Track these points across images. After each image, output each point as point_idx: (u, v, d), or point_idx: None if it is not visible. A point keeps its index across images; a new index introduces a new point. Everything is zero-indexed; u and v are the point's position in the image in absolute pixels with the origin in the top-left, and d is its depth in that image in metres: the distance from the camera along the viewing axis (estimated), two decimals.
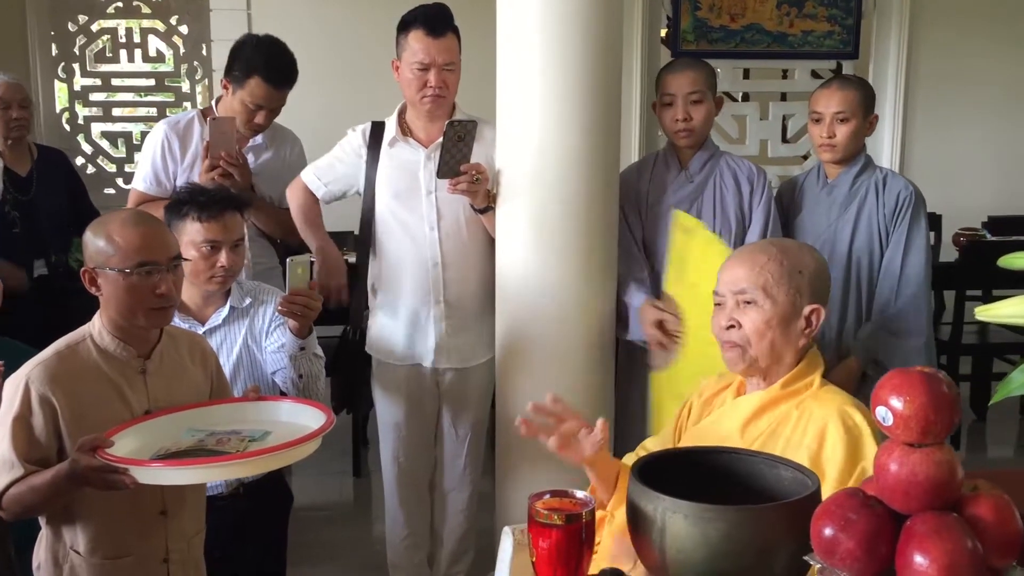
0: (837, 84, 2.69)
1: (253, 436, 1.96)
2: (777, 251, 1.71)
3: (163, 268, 1.94)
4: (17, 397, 1.87)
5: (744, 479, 1.29)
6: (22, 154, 3.57)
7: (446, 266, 2.71)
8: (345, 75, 4.99)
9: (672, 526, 1.11)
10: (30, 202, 3.51)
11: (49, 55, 6.10)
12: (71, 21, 6.12)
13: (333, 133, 4.13)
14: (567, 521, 1.19)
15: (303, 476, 3.56)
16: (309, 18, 5.02)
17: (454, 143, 2.48)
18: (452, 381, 2.79)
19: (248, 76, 2.90)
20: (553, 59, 2.40)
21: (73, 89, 6.22)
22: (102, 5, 6.14)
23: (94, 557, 1.93)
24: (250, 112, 2.92)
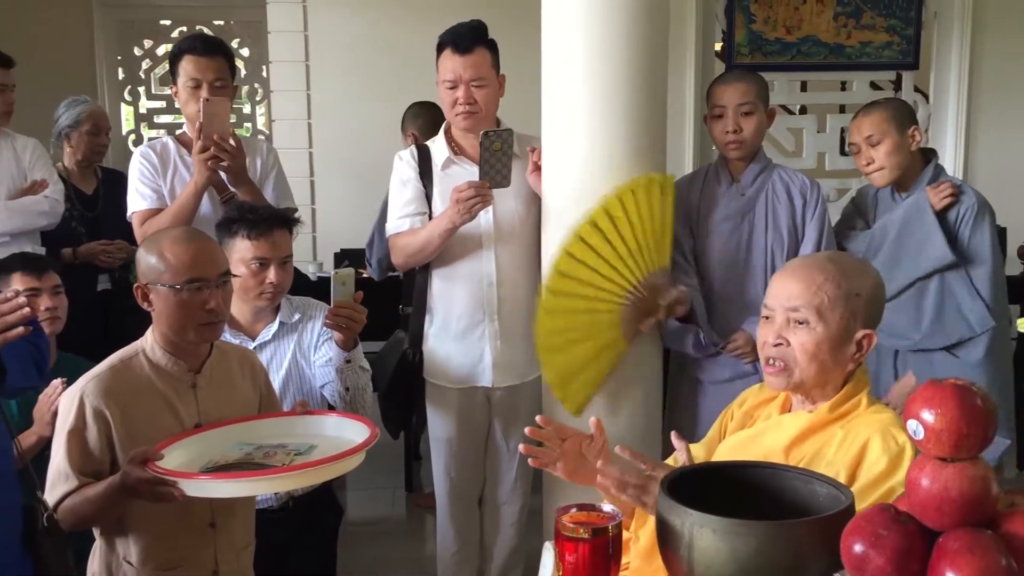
0: (863, 112, 2.69)
1: (299, 450, 1.98)
2: (835, 271, 1.62)
3: (212, 284, 1.98)
4: (72, 410, 1.92)
5: (778, 494, 1.26)
6: (89, 174, 3.71)
7: (500, 283, 2.71)
8: (398, 93, 5.05)
9: (700, 541, 1.09)
10: (95, 219, 3.64)
11: (116, 79, 6.31)
12: (137, 46, 6.33)
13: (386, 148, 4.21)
14: (593, 535, 1.18)
15: (356, 491, 3.60)
16: (364, 39, 5.11)
17: (491, 152, 2.49)
18: (503, 396, 2.79)
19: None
20: (597, 72, 2.40)
21: (139, 112, 6.41)
22: (167, 29, 6.34)
23: (146, 568, 1.97)
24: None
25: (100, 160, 3.79)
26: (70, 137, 3.64)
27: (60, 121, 3.66)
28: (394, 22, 5.09)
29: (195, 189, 2.71)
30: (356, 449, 1.90)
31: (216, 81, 2.77)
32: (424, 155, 2.77)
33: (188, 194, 2.72)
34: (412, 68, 5.00)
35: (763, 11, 5.00)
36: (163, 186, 2.83)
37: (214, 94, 2.74)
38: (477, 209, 2.54)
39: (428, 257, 2.70)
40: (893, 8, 4.95)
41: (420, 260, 2.73)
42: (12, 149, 3.33)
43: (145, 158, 2.84)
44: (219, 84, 2.78)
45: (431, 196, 2.74)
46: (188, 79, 2.77)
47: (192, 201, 2.71)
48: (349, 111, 5.12)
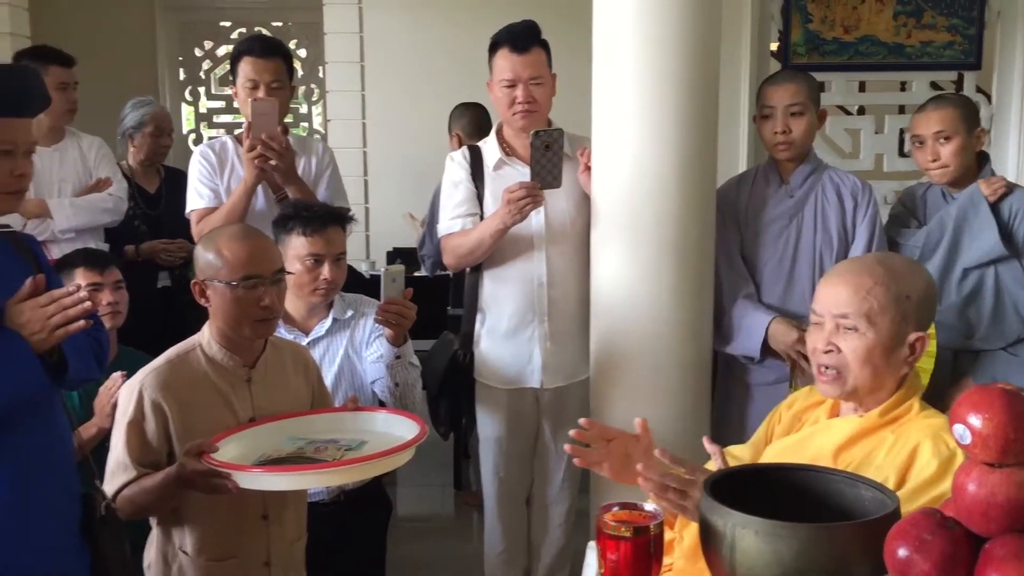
0: (933, 105, 2.63)
1: (350, 445, 2.01)
2: (884, 273, 1.59)
3: (267, 281, 2.02)
4: (131, 403, 1.98)
5: (822, 497, 1.25)
6: (152, 173, 3.81)
7: (551, 284, 2.72)
8: (451, 94, 5.09)
9: (742, 542, 1.09)
10: (157, 218, 3.72)
11: (177, 79, 6.44)
12: (197, 47, 6.46)
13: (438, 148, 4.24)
14: (635, 533, 1.19)
15: (405, 487, 3.63)
16: (418, 40, 5.15)
17: (542, 152, 2.50)
18: (552, 397, 2.79)
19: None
20: (649, 73, 2.40)
21: (199, 111, 6.54)
22: (226, 31, 6.45)
23: (200, 558, 2.01)
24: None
25: (163, 160, 3.87)
26: (134, 137, 3.74)
27: (125, 121, 3.76)
28: (448, 23, 5.13)
29: (245, 188, 2.76)
30: (406, 445, 1.93)
31: (273, 82, 2.82)
32: (476, 156, 2.79)
33: (239, 193, 2.77)
34: (465, 69, 5.03)
35: (820, 10, 4.93)
36: (220, 185, 2.88)
37: (270, 95, 2.79)
38: (528, 210, 2.56)
39: (480, 258, 2.72)
40: (955, 7, 4.85)
41: (472, 261, 2.75)
42: (78, 148, 3.42)
43: (204, 157, 2.90)
44: (276, 85, 2.82)
45: (483, 197, 2.75)
46: (246, 80, 2.83)
47: (243, 200, 2.76)
48: (403, 111, 5.17)
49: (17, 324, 1.68)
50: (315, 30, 5.89)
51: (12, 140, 1.70)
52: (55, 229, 3.24)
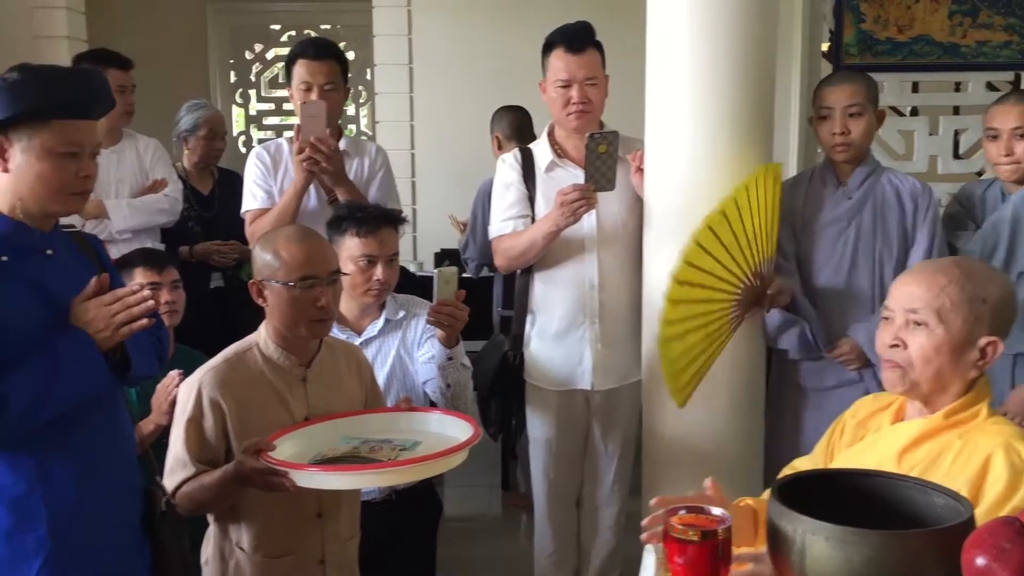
0: (1014, 99, 2.57)
1: (404, 445, 2.02)
2: (960, 274, 1.58)
3: (324, 282, 2.04)
4: (190, 400, 2.01)
5: (893, 504, 1.23)
6: (206, 175, 3.86)
7: (602, 286, 2.71)
8: (499, 96, 5.11)
9: (812, 548, 1.07)
10: (211, 219, 3.78)
11: (228, 82, 6.53)
12: (248, 49, 6.54)
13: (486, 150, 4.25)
14: (703, 537, 1.18)
15: (453, 487, 3.64)
16: (466, 42, 5.17)
17: (597, 155, 2.49)
18: (603, 399, 2.79)
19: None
20: (704, 74, 2.38)
21: (249, 114, 6.62)
22: (276, 34, 6.53)
23: (256, 555, 2.04)
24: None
25: (216, 162, 3.93)
26: (188, 140, 3.80)
27: (180, 124, 3.82)
28: (495, 25, 5.14)
29: (295, 191, 2.79)
30: (461, 446, 1.94)
31: (326, 84, 2.85)
32: (527, 158, 2.79)
33: (288, 196, 2.81)
34: (512, 71, 5.05)
35: (873, 10, 4.86)
36: (274, 186, 2.92)
37: (324, 97, 2.82)
38: (581, 212, 2.55)
39: (531, 260, 2.72)
40: (1012, 6, 4.75)
41: (523, 263, 2.75)
42: (135, 149, 3.47)
43: (259, 159, 2.94)
44: (329, 87, 2.85)
45: (534, 199, 2.75)
46: (300, 82, 2.86)
47: (293, 202, 2.79)
48: (450, 113, 5.19)
49: (83, 322, 1.72)
50: (363, 32, 5.94)
51: (78, 142, 1.73)
52: (113, 230, 3.30)
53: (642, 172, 2.59)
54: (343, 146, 2.96)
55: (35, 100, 1.69)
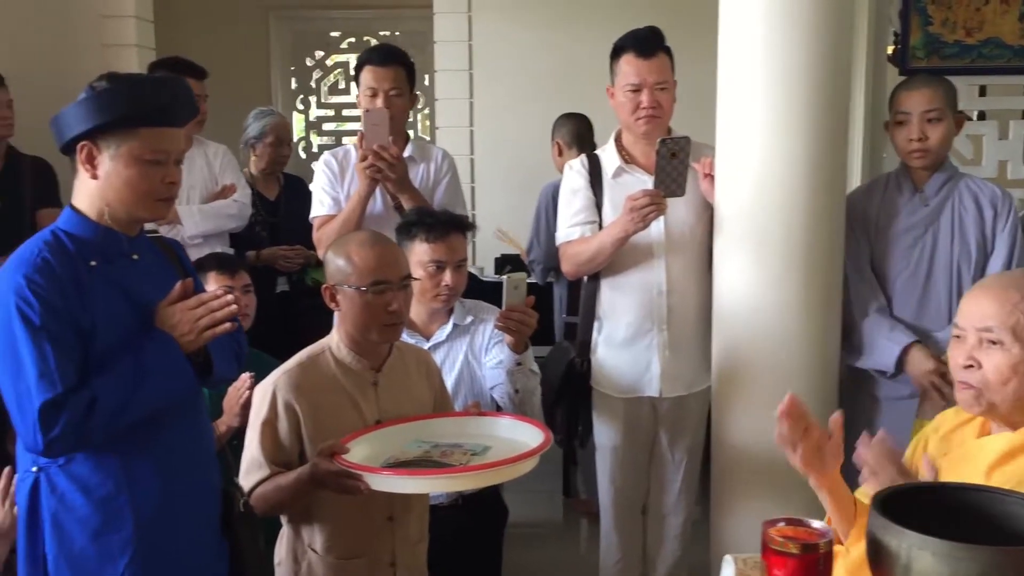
0: None
1: (475, 450, 2.03)
2: None
3: (395, 287, 2.06)
4: (265, 403, 2.04)
5: (997, 520, 1.19)
6: (272, 181, 3.92)
7: (671, 292, 2.69)
8: (559, 101, 5.11)
9: (918, 563, 1.05)
10: (277, 224, 3.84)
11: (289, 88, 6.62)
12: (309, 56, 6.62)
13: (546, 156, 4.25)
14: (803, 551, 1.16)
15: (513, 492, 3.60)
16: (526, 47, 5.18)
17: (667, 160, 2.48)
18: (670, 407, 2.77)
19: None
20: (777, 79, 2.35)
21: (309, 120, 6.70)
22: (336, 41, 6.61)
23: (329, 556, 2.06)
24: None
25: (282, 168, 3.99)
26: (256, 146, 3.86)
27: (248, 131, 3.88)
28: (556, 31, 5.15)
29: (359, 198, 2.82)
30: (533, 452, 1.94)
31: (391, 90, 2.87)
32: (594, 164, 2.78)
33: (353, 203, 2.84)
34: (573, 76, 5.06)
35: (941, 12, 4.77)
36: (341, 192, 2.95)
37: (389, 103, 2.85)
38: (651, 218, 2.54)
39: (599, 266, 2.71)
40: None
41: (591, 269, 2.74)
42: (205, 156, 3.54)
43: (327, 165, 2.98)
44: (394, 93, 2.87)
45: (601, 205, 2.74)
46: (366, 88, 2.89)
47: (357, 209, 2.82)
48: (510, 119, 5.20)
49: (168, 326, 1.75)
50: (422, 39, 5.98)
51: (164, 149, 1.76)
52: (184, 235, 3.36)
53: (711, 178, 2.57)
54: (409, 152, 2.99)
55: (124, 109, 1.72)
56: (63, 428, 1.63)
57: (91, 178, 1.75)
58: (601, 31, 2.83)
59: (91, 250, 1.75)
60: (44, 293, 1.66)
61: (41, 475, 1.72)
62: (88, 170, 1.75)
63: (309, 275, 3.88)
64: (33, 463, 1.73)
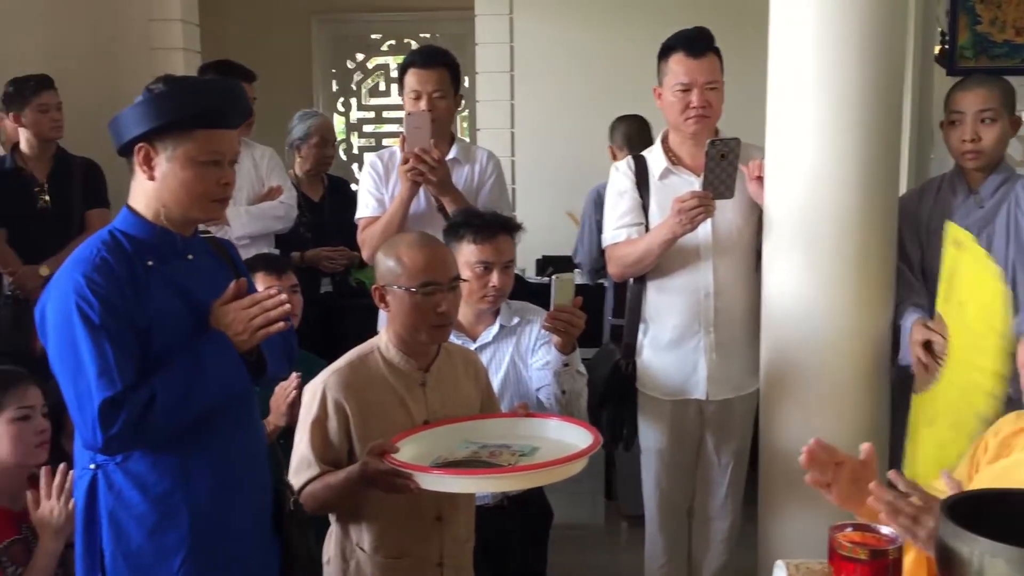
0: None
1: (523, 451, 2.03)
2: None
3: (444, 288, 2.06)
4: (315, 402, 2.05)
5: None
6: (316, 182, 3.95)
7: (718, 294, 2.67)
8: (599, 103, 5.11)
9: (992, 571, 1.03)
10: (321, 225, 3.86)
11: (330, 90, 6.67)
12: (349, 59, 6.66)
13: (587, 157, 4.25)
14: (872, 556, 1.14)
15: (556, 493, 3.59)
16: (567, 49, 5.18)
17: (717, 161, 2.46)
18: (717, 410, 2.75)
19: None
20: (829, 79, 2.33)
21: (349, 121, 6.75)
22: (376, 43, 6.64)
23: (377, 555, 2.07)
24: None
25: (327, 169, 4.02)
26: (300, 148, 3.89)
27: (293, 132, 3.91)
28: (597, 32, 5.14)
29: (400, 201, 2.83)
30: (582, 453, 1.94)
31: (435, 92, 2.88)
32: (641, 166, 2.77)
33: (395, 205, 2.85)
34: (614, 78, 5.05)
35: (990, 12, 4.71)
36: (385, 194, 2.96)
37: (433, 105, 2.86)
38: (700, 220, 2.52)
39: (646, 268, 2.70)
40: None
41: (638, 271, 2.73)
42: (251, 158, 3.57)
43: (372, 167, 3.00)
44: (438, 95, 2.88)
45: (648, 207, 2.73)
46: (410, 91, 2.90)
47: (399, 212, 2.83)
48: (551, 120, 5.21)
49: (223, 325, 1.77)
50: (462, 41, 5.99)
51: (220, 151, 1.78)
52: (231, 236, 3.39)
53: (760, 180, 2.55)
54: (454, 153, 2.99)
55: (180, 111, 1.74)
56: (122, 426, 1.65)
57: (148, 179, 1.77)
58: (644, 32, 2.83)
59: (148, 250, 1.78)
60: (103, 292, 1.68)
61: (99, 472, 1.75)
62: (145, 171, 1.77)
63: (353, 276, 3.91)
64: (91, 460, 1.75)
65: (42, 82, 3.53)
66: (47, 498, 2.07)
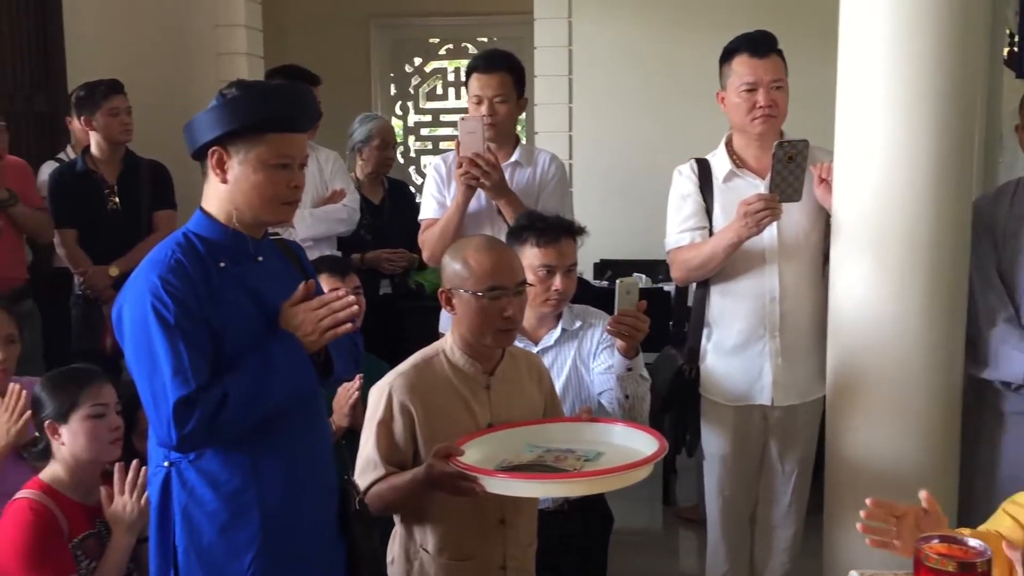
0: None
1: (587, 456, 2.02)
2: None
3: (510, 292, 2.07)
4: (381, 404, 2.06)
5: None
6: (377, 185, 3.99)
7: (783, 299, 2.64)
8: (658, 106, 5.10)
9: None
10: (381, 227, 3.90)
11: (388, 94, 6.73)
12: (408, 63, 6.72)
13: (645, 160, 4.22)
14: (960, 569, 1.12)
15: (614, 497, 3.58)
16: (626, 53, 5.18)
17: (784, 164, 2.43)
18: (782, 416, 2.71)
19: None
20: (901, 80, 2.28)
21: (407, 125, 6.80)
22: (435, 47, 6.68)
23: (441, 557, 2.07)
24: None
25: (387, 171, 4.05)
26: (362, 151, 3.93)
27: (354, 136, 3.95)
28: (655, 37, 5.13)
29: (456, 205, 2.88)
30: (649, 460, 1.93)
31: (496, 97, 2.90)
32: (704, 169, 2.75)
33: (451, 210, 2.90)
34: (672, 81, 5.03)
35: None
36: (447, 196, 3.00)
37: (494, 109, 2.89)
38: (766, 223, 2.49)
39: (710, 272, 2.67)
40: None
41: (702, 275, 2.70)
42: (316, 161, 3.61)
43: (436, 170, 3.04)
44: (499, 100, 2.91)
45: (711, 210, 2.71)
46: (473, 95, 2.94)
47: (455, 215, 2.88)
48: (608, 124, 5.20)
49: (292, 326, 1.79)
50: (519, 45, 5.99)
51: (290, 154, 1.81)
52: (296, 238, 3.44)
53: (828, 184, 2.51)
54: (516, 156, 3.01)
55: (253, 115, 1.77)
56: (196, 424, 1.68)
57: (221, 182, 1.80)
58: (702, 37, 2.82)
59: (220, 252, 1.81)
60: (178, 293, 1.71)
61: (172, 470, 1.78)
62: (218, 174, 1.80)
63: (412, 277, 3.94)
64: (165, 458, 1.79)
65: (113, 86, 3.61)
66: (120, 494, 2.11)
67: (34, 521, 2.04)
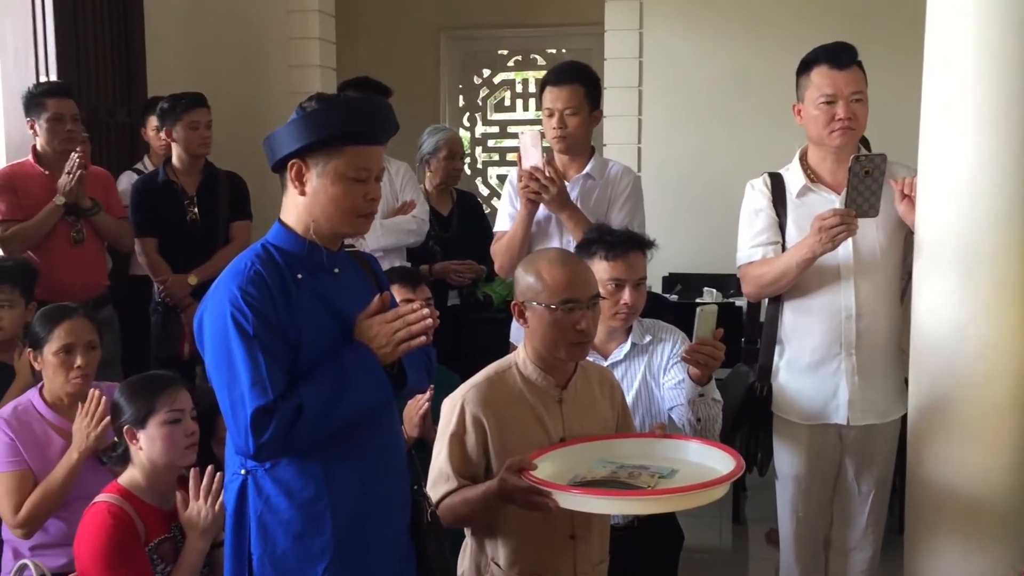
0: None
1: (662, 473, 2.00)
2: None
3: (584, 306, 2.05)
4: (454, 416, 2.06)
5: None
6: (445, 196, 4.01)
7: (860, 316, 2.57)
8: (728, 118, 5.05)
9: None
10: (449, 239, 3.92)
11: (457, 106, 6.77)
12: (476, 75, 6.75)
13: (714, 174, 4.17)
14: None
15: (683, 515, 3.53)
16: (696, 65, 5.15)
17: (860, 178, 2.38)
18: (858, 436, 2.64)
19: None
20: (990, 92, 2.20)
21: (475, 136, 6.83)
22: (503, 59, 6.71)
23: (512, 571, 2.07)
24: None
25: (456, 183, 4.07)
26: (430, 162, 3.95)
27: (423, 147, 3.98)
28: (726, 49, 5.10)
29: (520, 218, 2.93)
30: (726, 478, 1.90)
31: (566, 109, 2.91)
32: (778, 183, 2.70)
33: (515, 224, 2.94)
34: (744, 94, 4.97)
35: None
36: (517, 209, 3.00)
37: (564, 122, 2.90)
38: (842, 238, 2.43)
39: (783, 288, 2.62)
40: None
41: (774, 291, 2.65)
42: (387, 172, 3.64)
43: (511, 183, 3.08)
44: (568, 112, 2.91)
45: (784, 225, 2.66)
46: (545, 108, 2.95)
47: (520, 228, 2.93)
48: (679, 136, 5.17)
49: (367, 338, 1.80)
50: (589, 56, 5.98)
51: (368, 167, 1.82)
52: (366, 248, 3.47)
53: (910, 200, 2.44)
54: (589, 168, 3.01)
55: (332, 128, 1.78)
56: (273, 433, 1.69)
57: (299, 194, 1.82)
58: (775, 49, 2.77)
59: (298, 263, 1.82)
60: (257, 304, 1.73)
61: (249, 478, 1.80)
62: (297, 187, 1.82)
63: (480, 289, 3.95)
64: (241, 466, 1.81)
65: (196, 100, 3.69)
66: (195, 499, 2.14)
67: (113, 525, 2.08)
